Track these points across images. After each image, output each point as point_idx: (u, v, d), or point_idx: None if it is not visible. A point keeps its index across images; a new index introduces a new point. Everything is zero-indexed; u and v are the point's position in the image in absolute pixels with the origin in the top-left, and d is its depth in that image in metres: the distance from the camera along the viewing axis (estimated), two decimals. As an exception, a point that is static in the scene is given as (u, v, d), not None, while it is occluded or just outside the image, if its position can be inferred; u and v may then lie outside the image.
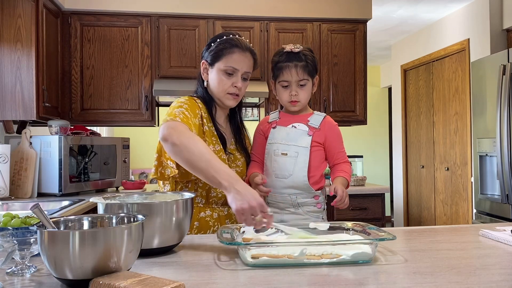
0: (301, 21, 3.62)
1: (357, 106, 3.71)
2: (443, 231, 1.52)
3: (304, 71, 1.65)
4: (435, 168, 5.03)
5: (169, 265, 1.08)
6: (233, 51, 1.59)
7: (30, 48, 2.74)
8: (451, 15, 4.63)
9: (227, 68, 1.59)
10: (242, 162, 1.69)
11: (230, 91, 1.60)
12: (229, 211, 1.64)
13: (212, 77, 1.63)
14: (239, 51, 1.60)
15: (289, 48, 1.68)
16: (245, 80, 1.64)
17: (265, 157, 1.69)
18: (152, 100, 3.43)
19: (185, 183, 1.60)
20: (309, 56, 1.67)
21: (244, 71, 1.61)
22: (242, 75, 1.61)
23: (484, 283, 0.92)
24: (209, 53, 1.63)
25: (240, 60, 1.59)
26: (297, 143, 1.65)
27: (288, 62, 1.66)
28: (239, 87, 1.60)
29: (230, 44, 1.60)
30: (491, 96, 3.20)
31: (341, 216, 3.21)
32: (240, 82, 1.60)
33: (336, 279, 0.96)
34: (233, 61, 1.59)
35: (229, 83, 1.60)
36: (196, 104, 1.58)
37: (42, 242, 0.90)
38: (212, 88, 1.64)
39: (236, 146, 1.71)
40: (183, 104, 1.53)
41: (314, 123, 1.69)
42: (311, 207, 1.67)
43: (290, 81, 1.66)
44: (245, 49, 1.61)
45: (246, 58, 1.61)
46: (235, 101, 1.64)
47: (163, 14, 3.45)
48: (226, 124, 1.72)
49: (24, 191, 2.72)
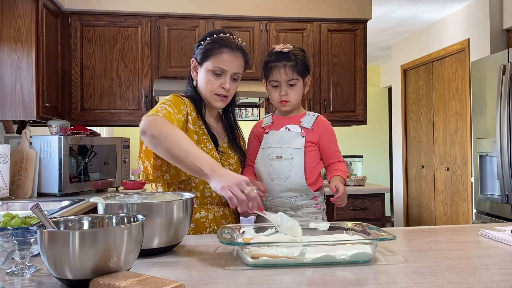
0: (301, 21, 3.62)
1: (357, 106, 3.71)
2: (443, 231, 1.52)
3: (293, 70, 1.64)
4: (435, 168, 5.03)
5: (169, 265, 1.08)
6: (222, 51, 1.54)
7: (30, 48, 2.74)
8: (451, 15, 4.63)
9: (215, 68, 1.55)
10: (235, 161, 1.67)
11: (218, 92, 1.57)
12: (225, 211, 1.63)
13: (200, 76, 1.60)
14: (228, 51, 1.55)
15: (278, 48, 1.67)
16: (235, 81, 1.60)
17: (258, 161, 1.68)
18: (152, 100, 3.43)
19: (177, 185, 1.57)
20: (299, 56, 1.66)
21: (233, 72, 1.57)
22: (232, 76, 1.57)
23: (484, 283, 0.92)
24: (199, 52, 1.59)
25: (229, 60, 1.55)
26: (291, 145, 1.64)
27: (277, 62, 1.65)
28: (227, 89, 1.56)
29: (219, 44, 1.55)
30: (491, 96, 3.20)
31: (341, 216, 3.21)
32: (228, 83, 1.56)
33: (336, 279, 0.96)
34: (222, 62, 1.54)
35: (217, 84, 1.56)
36: (182, 101, 1.55)
37: (42, 242, 0.90)
38: (200, 87, 1.61)
39: (229, 145, 1.68)
40: (167, 101, 1.51)
41: (307, 124, 1.68)
42: (310, 208, 1.67)
43: (279, 80, 1.65)
44: (235, 49, 1.56)
45: (236, 58, 1.56)
46: (222, 103, 1.60)
47: (163, 14, 3.45)
48: (217, 123, 1.70)
49: (24, 191, 2.72)
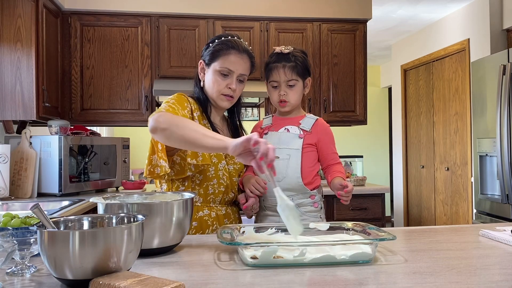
0: (301, 21, 3.62)
1: (357, 106, 3.71)
2: (443, 231, 1.52)
3: (292, 71, 1.66)
4: (435, 168, 5.03)
5: (169, 265, 1.08)
6: (230, 52, 1.59)
7: (30, 48, 2.74)
8: (451, 15, 4.63)
9: (222, 69, 1.59)
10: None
11: (224, 92, 1.61)
12: (227, 210, 1.66)
13: (207, 77, 1.64)
14: (236, 52, 1.60)
15: (279, 49, 1.70)
16: (241, 82, 1.64)
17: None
18: (152, 100, 3.43)
19: (181, 181, 1.60)
20: (299, 57, 1.68)
21: (239, 73, 1.61)
22: (238, 77, 1.62)
23: (484, 283, 0.92)
24: (207, 53, 1.64)
25: (236, 61, 1.59)
26: (288, 146, 1.66)
27: (277, 62, 1.68)
28: (233, 89, 1.61)
29: (227, 46, 1.60)
30: (491, 96, 3.20)
31: (341, 216, 3.21)
32: (234, 83, 1.61)
33: (336, 279, 0.96)
34: (229, 63, 1.59)
35: (224, 84, 1.60)
36: (185, 99, 1.59)
37: (42, 242, 0.90)
38: (207, 88, 1.65)
39: None
40: (170, 99, 1.56)
41: (306, 126, 1.70)
42: (308, 207, 1.68)
43: (279, 81, 1.68)
44: (242, 51, 1.61)
45: (242, 60, 1.61)
46: (229, 103, 1.64)
47: (163, 14, 3.45)
48: (222, 124, 1.73)
49: (24, 191, 2.72)
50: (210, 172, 1.60)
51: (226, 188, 1.63)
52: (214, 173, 1.60)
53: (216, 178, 1.61)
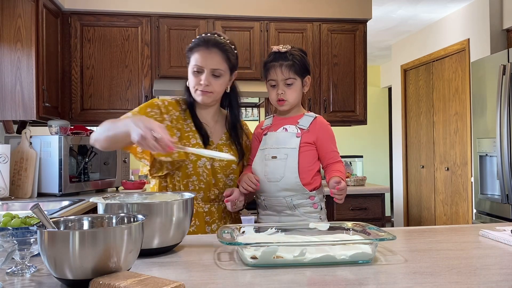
0: (301, 21, 3.62)
1: (357, 106, 3.71)
2: (443, 231, 1.52)
3: (290, 70, 1.66)
4: (435, 168, 5.03)
5: (169, 265, 1.08)
6: (198, 50, 1.63)
7: (30, 48, 2.74)
8: (451, 15, 4.63)
9: (193, 66, 1.63)
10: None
11: (198, 88, 1.64)
12: (211, 208, 1.65)
13: (188, 77, 1.69)
14: (203, 49, 1.62)
15: (276, 48, 1.70)
16: (217, 77, 1.64)
17: (255, 162, 1.68)
18: (152, 100, 3.43)
19: (163, 178, 1.64)
20: (296, 56, 1.67)
21: (210, 68, 1.62)
22: (211, 72, 1.62)
23: (484, 283, 0.92)
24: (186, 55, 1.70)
25: (204, 57, 1.61)
26: (286, 145, 1.65)
27: (274, 61, 1.67)
28: (204, 84, 1.62)
29: (196, 44, 1.64)
30: (491, 96, 3.20)
31: (341, 216, 3.21)
32: (205, 79, 1.62)
33: (336, 279, 0.96)
34: (198, 60, 1.62)
35: (197, 81, 1.64)
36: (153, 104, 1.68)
37: (42, 242, 0.90)
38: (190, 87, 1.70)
39: (229, 142, 1.72)
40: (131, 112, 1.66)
41: (303, 125, 1.69)
42: (307, 208, 1.66)
43: (276, 80, 1.67)
44: (210, 46, 1.62)
45: (210, 55, 1.62)
46: (206, 97, 1.65)
47: (163, 14, 3.45)
48: (215, 121, 1.74)
49: (24, 191, 2.72)
50: (189, 169, 1.60)
51: (207, 185, 1.62)
52: (192, 170, 1.61)
53: (196, 175, 1.61)
